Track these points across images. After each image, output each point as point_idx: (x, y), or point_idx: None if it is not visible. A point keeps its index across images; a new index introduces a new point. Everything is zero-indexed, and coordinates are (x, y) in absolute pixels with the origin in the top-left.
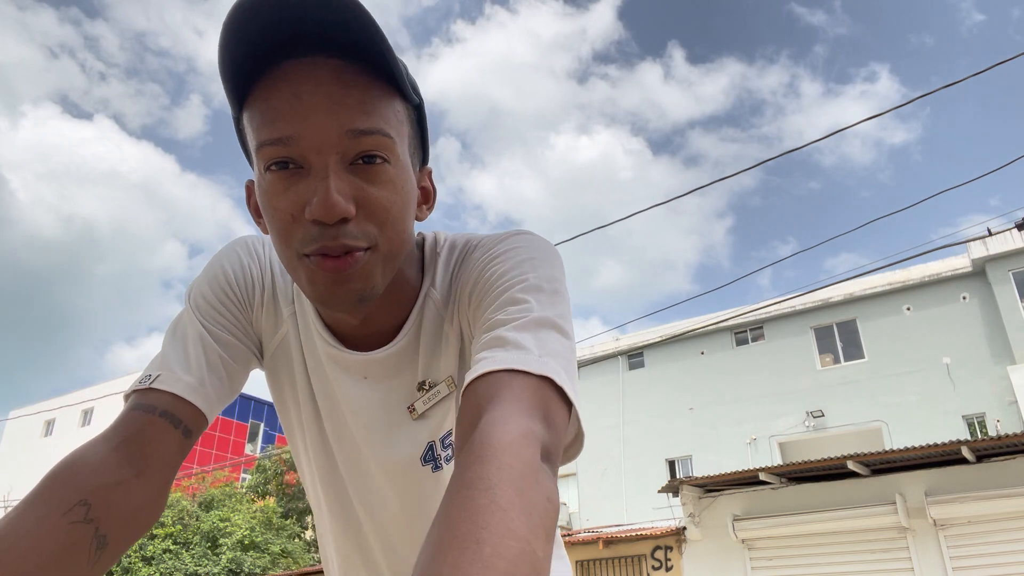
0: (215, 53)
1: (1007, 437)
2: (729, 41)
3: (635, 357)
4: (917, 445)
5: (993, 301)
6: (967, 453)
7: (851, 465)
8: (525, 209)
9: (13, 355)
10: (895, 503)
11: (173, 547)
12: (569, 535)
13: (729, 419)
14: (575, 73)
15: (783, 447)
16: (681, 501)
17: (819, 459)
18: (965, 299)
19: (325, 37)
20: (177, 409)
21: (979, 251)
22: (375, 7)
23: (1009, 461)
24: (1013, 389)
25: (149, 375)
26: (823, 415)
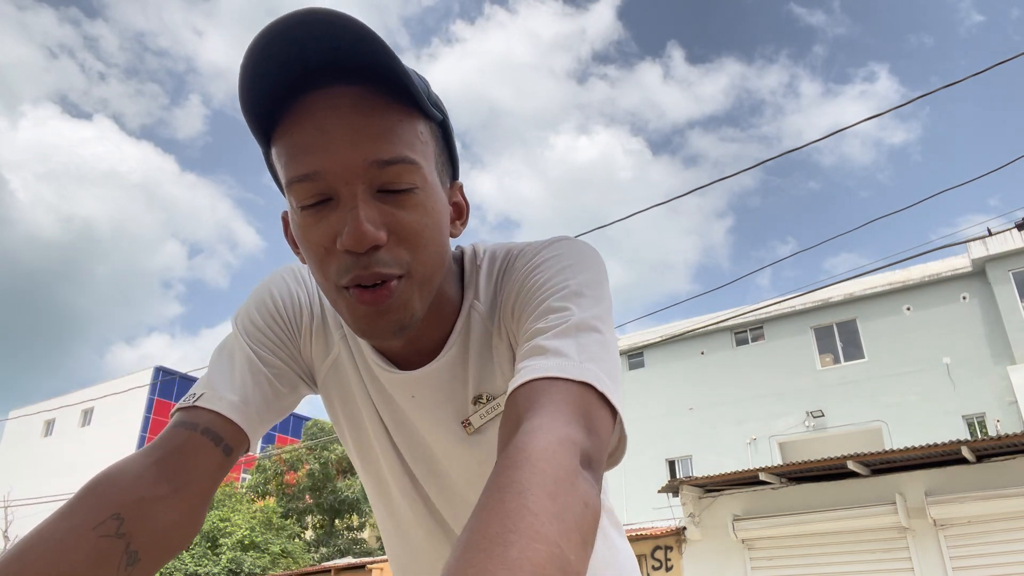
0: (215, 53)
1: (1007, 437)
2: (728, 41)
3: (635, 357)
4: (917, 445)
5: (993, 301)
6: (967, 453)
7: (851, 465)
8: (524, 209)
9: (13, 355)
10: (895, 503)
11: None
12: None
13: (729, 419)
14: (574, 73)
15: (783, 447)
16: (681, 501)
17: (819, 459)
18: (965, 299)
19: (342, 67)
20: (219, 427)
21: (979, 251)
22: (375, 7)
23: (1009, 461)
24: (1013, 389)
25: (194, 394)
26: (823, 415)
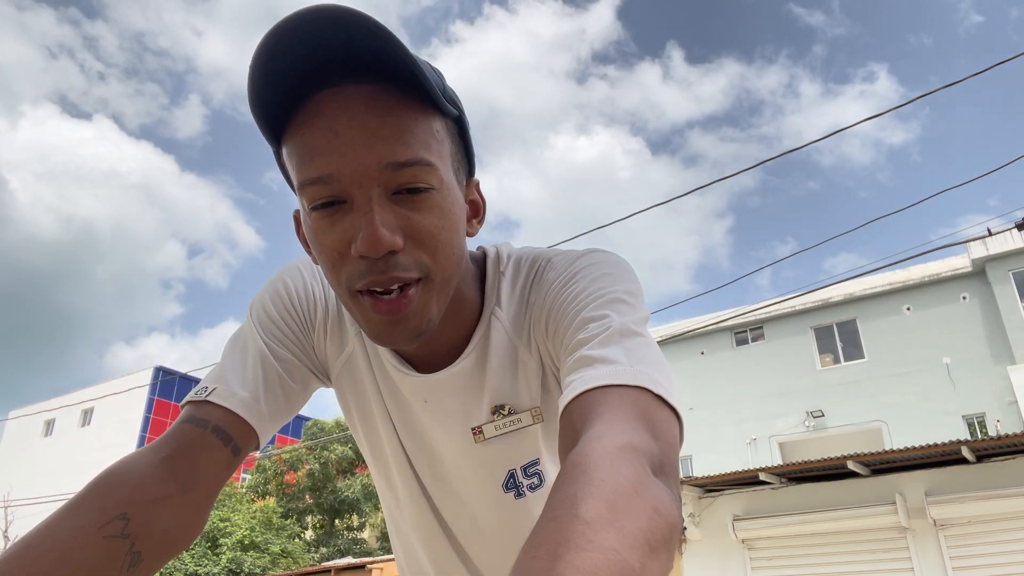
0: (214, 53)
1: (1007, 437)
2: (728, 41)
3: None
4: (917, 445)
5: (993, 301)
6: (967, 453)
7: (851, 465)
8: (524, 209)
9: (13, 355)
10: (895, 503)
11: None
12: None
13: (729, 419)
14: (574, 73)
15: (783, 447)
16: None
17: (819, 459)
18: (965, 299)
19: (355, 64)
20: (229, 425)
21: (979, 251)
22: (374, 7)
23: (1009, 461)
24: (1013, 389)
25: (206, 387)
26: (823, 415)
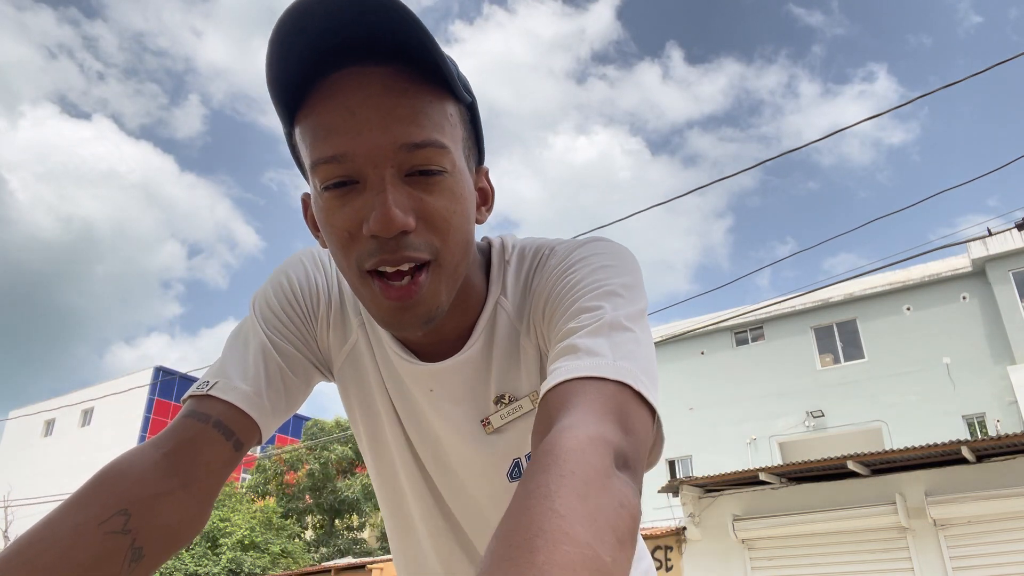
0: (214, 53)
1: (1007, 437)
2: (727, 41)
3: None
4: (917, 445)
5: (993, 301)
6: (967, 453)
7: (851, 465)
8: (523, 209)
9: (13, 355)
10: (895, 503)
11: None
12: None
13: (729, 419)
14: (574, 73)
15: (783, 447)
16: (681, 501)
17: (819, 459)
18: (965, 299)
19: (373, 44)
20: (231, 420)
21: (979, 251)
22: None
23: (1009, 461)
24: (1013, 389)
25: (207, 381)
26: (823, 415)
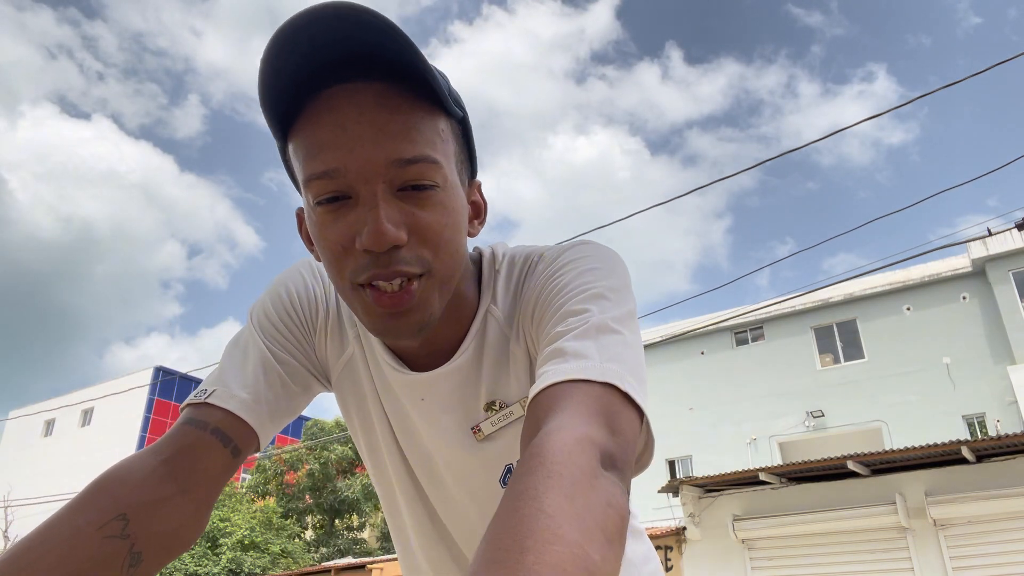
0: (213, 53)
1: (1007, 437)
2: (727, 41)
3: None
4: (917, 445)
5: (993, 301)
6: (967, 453)
7: (851, 465)
8: (523, 209)
9: (13, 355)
10: (895, 503)
11: None
12: None
13: (729, 419)
14: (573, 73)
15: (783, 447)
16: (681, 501)
17: (819, 459)
18: (965, 299)
19: (365, 61)
20: (229, 427)
21: (979, 251)
22: (374, 7)
23: (1009, 461)
24: (1013, 389)
25: (205, 389)
26: (823, 415)
